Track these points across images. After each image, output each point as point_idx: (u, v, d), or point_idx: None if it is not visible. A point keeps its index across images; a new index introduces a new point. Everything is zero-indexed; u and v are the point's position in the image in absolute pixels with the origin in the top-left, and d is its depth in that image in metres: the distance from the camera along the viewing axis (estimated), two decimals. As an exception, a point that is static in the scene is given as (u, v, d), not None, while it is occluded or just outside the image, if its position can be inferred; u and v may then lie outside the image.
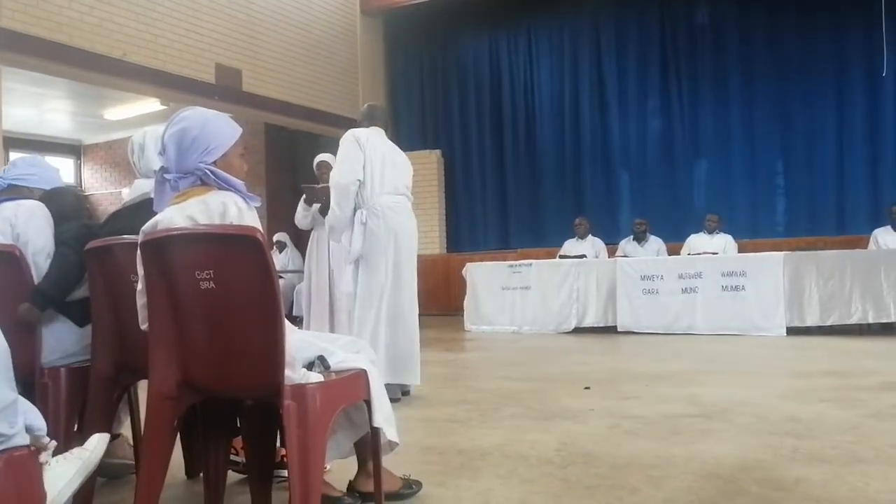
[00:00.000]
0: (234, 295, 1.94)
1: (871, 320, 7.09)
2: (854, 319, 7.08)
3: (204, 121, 2.14)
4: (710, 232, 8.97)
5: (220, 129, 2.17)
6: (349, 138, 4.52)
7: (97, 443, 1.99)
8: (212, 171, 2.09)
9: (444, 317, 10.39)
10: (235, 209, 2.06)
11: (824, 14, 9.78)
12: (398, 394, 4.28)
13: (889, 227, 8.20)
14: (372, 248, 4.46)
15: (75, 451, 1.94)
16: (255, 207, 2.13)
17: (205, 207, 2.06)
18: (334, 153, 4.80)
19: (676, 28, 10.69)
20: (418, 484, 2.55)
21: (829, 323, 7.12)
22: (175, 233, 2.01)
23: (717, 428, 3.38)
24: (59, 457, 1.88)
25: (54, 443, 1.86)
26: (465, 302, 8.93)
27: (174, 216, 2.05)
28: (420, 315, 10.48)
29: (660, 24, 10.75)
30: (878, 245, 8.11)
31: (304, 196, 6.76)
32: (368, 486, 2.36)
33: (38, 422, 1.78)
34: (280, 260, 11.00)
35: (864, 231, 8.68)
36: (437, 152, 11.94)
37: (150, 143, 2.72)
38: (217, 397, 2.18)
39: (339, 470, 2.71)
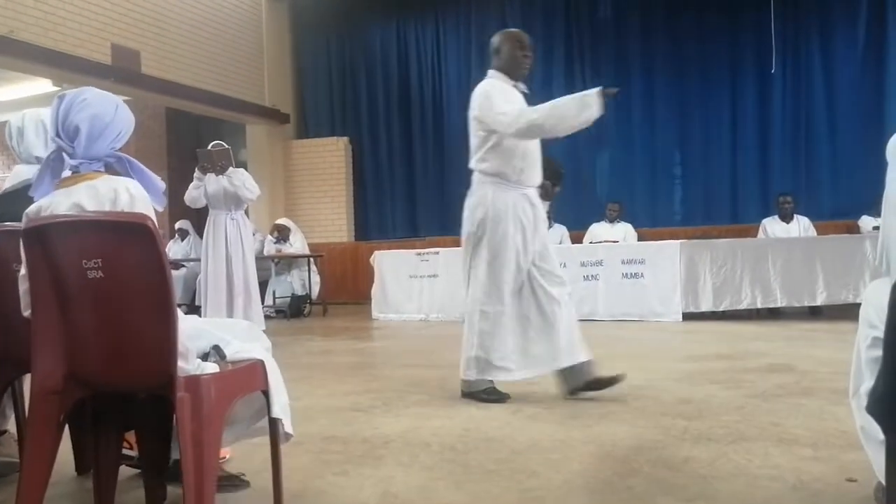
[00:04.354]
0: (123, 284, 1.88)
1: (759, 305, 7.45)
2: (744, 305, 7.43)
3: (114, 105, 2.10)
4: (611, 221, 9.23)
5: (127, 114, 2.15)
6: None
7: None
8: (127, 159, 2.06)
9: (351, 305, 10.35)
10: (127, 196, 2.00)
11: (720, 13, 10.17)
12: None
13: (776, 217, 8.64)
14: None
15: None
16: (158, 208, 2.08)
17: (94, 193, 1.99)
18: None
19: (580, 21, 10.91)
20: (245, 483, 2.48)
21: (721, 308, 7.45)
22: (61, 220, 1.93)
23: (614, 411, 3.49)
24: None
25: None
26: (373, 290, 8.91)
27: (60, 201, 1.97)
28: (327, 303, 10.45)
29: (564, 17, 10.94)
30: (767, 234, 8.53)
31: (196, 168, 6.53)
32: None
33: None
34: (182, 248, 10.72)
35: (754, 220, 9.11)
36: (345, 139, 11.84)
37: (30, 126, 2.59)
38: (107, 390, 2.11)
39: (240, 457, 2.67)
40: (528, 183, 3.91)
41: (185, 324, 2.02)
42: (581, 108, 3.55)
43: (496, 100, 3.79)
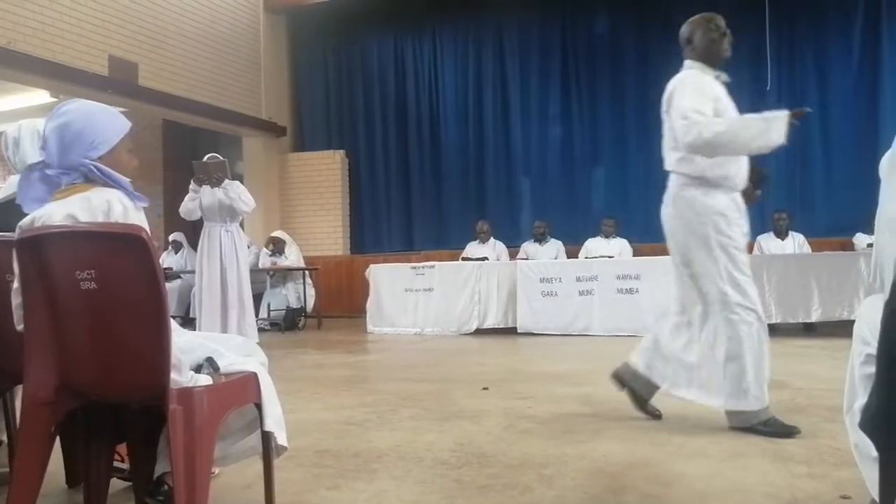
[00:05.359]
0: (117, 296, 1.88)
1: (754, 321, 7.44)
2: (739, 321, 7.41)
3: (88, 114, 2.06)
4: (607, 236, 9.25)
5: (106, 122, 2.09)
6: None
7: None
8: (97, 167, 2.02)
9: (346, 319, 10.33)
10: (121, 207, 2.00)
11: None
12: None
13: (771, 234, 8.67)
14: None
15: None
16: (144, 206, 2.07)
17: (87, 205, 1.99)
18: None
19: (577, 36, 10.97)
20: None
21: (716, 324, 7.43)
22: (55, 230, 1.93)
23: (608, 426, 3.48)
24: None
25: None
26: (368, 304, 8.89)
27: (53, 213, 1.97)
28: (322, 316, 10.41)
29: (561, 32, 11.01)
30: (762, 251, 8.54)
31: (192, 180, 6.54)
32: None
33: None
34: (176, 260, 10.71)
35: (749, 237, 9.10)
36: (341, 153, 11.86)
37: (26, 136, 2.59)
38: (99, 402, 2.10)
39: (232, 471, 2.65)
40: (736, 187, 3.46)
41: (179, 336, 2.02)
42: (763, 132, 3.15)
43: (685, 99, 3.34)
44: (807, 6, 9.99)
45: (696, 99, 3.31)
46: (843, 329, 6.19)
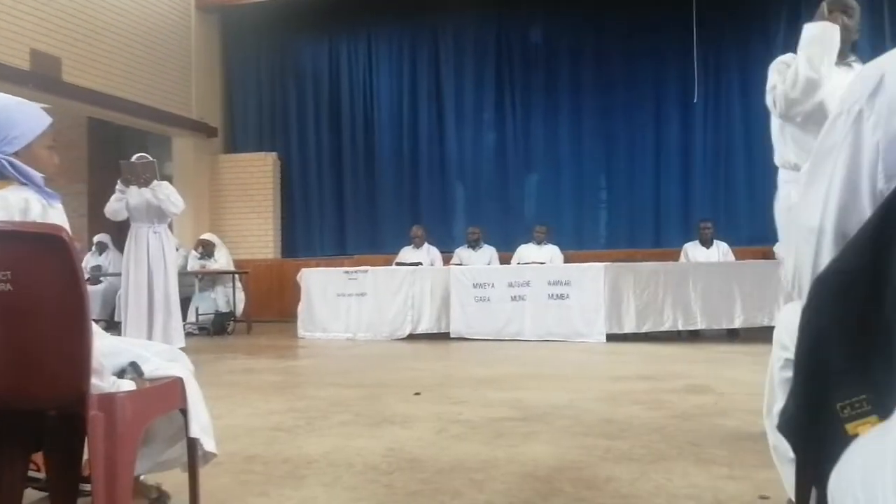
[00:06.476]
0: (34, 298, 1.80)
1: (680, 327, 7.66)
2: (666, 327, 7.62)
3: (3, 108, 1.98)
4: (539, 242, 9.37)
5: (22, 117, 2.01)
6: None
7: None
8: (10, 163, 1.94)
9: (277, 323, 10.18)
10: (39, 207, 1.93)
11: (646, 44, 10.49)
12: None
13: (697, 242, 8.91)
14: None
15: None
16: (61, 205, 2.00)
17: (3, 203, 1.91)
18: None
19: (511, 46, 11.11)
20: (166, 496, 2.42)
21: (644, 330, 7.62)
22: (-33, 229, 1.84)
23: (537, 430, 3.51)
24: None
25: None
26: (299, 308, 8.79)
27: (-34, 211, 1.88)
28: (252, 321, 10.23)
29: (496, 41, 11.13)
30: (688, 258, 8.78)
31: (119, 180, 6.38)
32: None
33: None
34: (100, 262, 10.40)
35: (676, 245, 9.38)
36: (274, 155, 11.71)
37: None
38: (13, 408, 2.01)
39: (156, 478, 2.58)
40: None
41: (102, 340, 1.95)
42: (815, 38, 3.20)
43: (770, 78, 3.38)
44: (732, 22, 10.33)
45: (772, 78, 3.36)
46: (764, 335, 6.41)
